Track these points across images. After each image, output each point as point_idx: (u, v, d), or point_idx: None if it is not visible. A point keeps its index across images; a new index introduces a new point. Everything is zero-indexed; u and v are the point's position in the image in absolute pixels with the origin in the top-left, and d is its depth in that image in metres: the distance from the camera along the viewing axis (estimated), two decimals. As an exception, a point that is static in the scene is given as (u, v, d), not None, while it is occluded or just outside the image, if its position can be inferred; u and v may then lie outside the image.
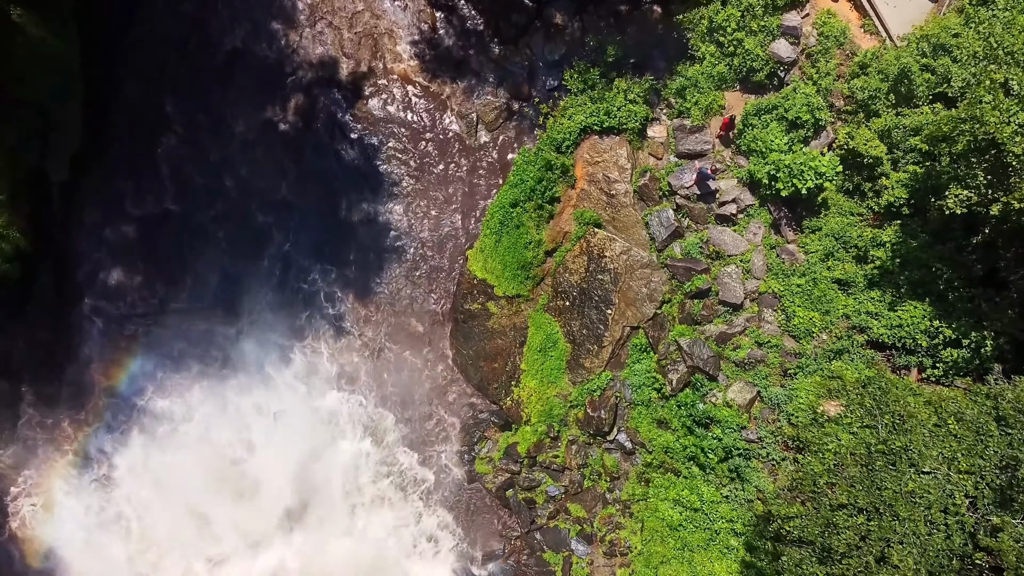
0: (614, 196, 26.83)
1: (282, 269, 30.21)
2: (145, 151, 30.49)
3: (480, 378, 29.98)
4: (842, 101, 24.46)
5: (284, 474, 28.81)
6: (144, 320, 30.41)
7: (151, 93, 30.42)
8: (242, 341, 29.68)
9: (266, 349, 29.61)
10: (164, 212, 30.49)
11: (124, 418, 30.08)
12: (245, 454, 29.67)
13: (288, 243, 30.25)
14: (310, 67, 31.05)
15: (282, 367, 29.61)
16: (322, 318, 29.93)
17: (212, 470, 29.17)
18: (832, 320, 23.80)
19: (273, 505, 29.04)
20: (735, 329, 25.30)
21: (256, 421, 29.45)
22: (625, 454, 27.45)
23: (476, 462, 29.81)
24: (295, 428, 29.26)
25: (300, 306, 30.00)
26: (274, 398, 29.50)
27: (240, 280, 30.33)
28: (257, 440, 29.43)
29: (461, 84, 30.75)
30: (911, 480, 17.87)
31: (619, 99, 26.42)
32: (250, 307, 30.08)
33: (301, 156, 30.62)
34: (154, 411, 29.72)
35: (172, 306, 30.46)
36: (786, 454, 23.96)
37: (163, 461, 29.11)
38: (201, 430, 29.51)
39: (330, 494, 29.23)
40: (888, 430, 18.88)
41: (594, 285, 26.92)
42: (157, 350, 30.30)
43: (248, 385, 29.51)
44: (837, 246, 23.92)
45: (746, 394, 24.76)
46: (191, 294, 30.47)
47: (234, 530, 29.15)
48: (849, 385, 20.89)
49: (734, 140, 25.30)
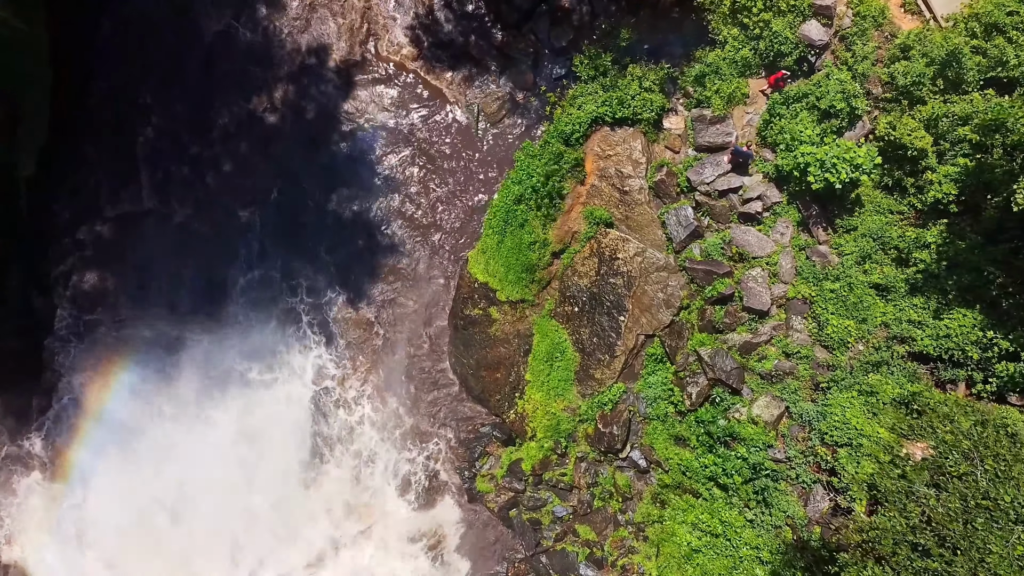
0: (627, 193, 24.64)
1: (268, 272, 28.01)
2: (121, 144, 28.39)
3: (481, 389, 27.84)
4: (880, 88, 22.26)
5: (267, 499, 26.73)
6: (122, 327, 28.27)
7: (127, 82, 28.28)
8: (223, 352, 27.49)
9: (246, 362, 27.44)
10: (141, 211, 28.35)
11: (102, 434, 27.98)
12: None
13: (275, 244, 28.05)
14: (298, 55, 28.88)
15: (260, 388, 27.46)
16: (309, 325, 27.75)
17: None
18: (869, 329, 21.63)
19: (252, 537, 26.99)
20: (760, 338, 23.14)
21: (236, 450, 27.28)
22: (639, 473, 25.31)
23: (477, 480, 27.68)
24: (275, 448, 27.11)
25: (286, 314, 27.80)
26: (254, 420, 27.37)
27: (223, 284, 28.17)
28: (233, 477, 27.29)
29: (460, 73, 28.60)
30: (1021, 543, 15.21)
31: (633, 87, 24.23)
32: (233, 313, 27.89)
33: (288, 150, 28.44)
34: (131, 428, 27.57)
35: (151, 311, 28.32)
36: (818, 476, 21.79)
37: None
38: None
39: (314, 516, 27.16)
40: (990, 479, 16.36)
41: (605, 289, 24.74)
42: (135, 359, 28.17)
43: (225, 404, 27.34)
44: (875, 247, 21.73)
45: (773, 410, 22.59)
46: (171, 298, 28.32)
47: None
48: (937, 422, 18.33)
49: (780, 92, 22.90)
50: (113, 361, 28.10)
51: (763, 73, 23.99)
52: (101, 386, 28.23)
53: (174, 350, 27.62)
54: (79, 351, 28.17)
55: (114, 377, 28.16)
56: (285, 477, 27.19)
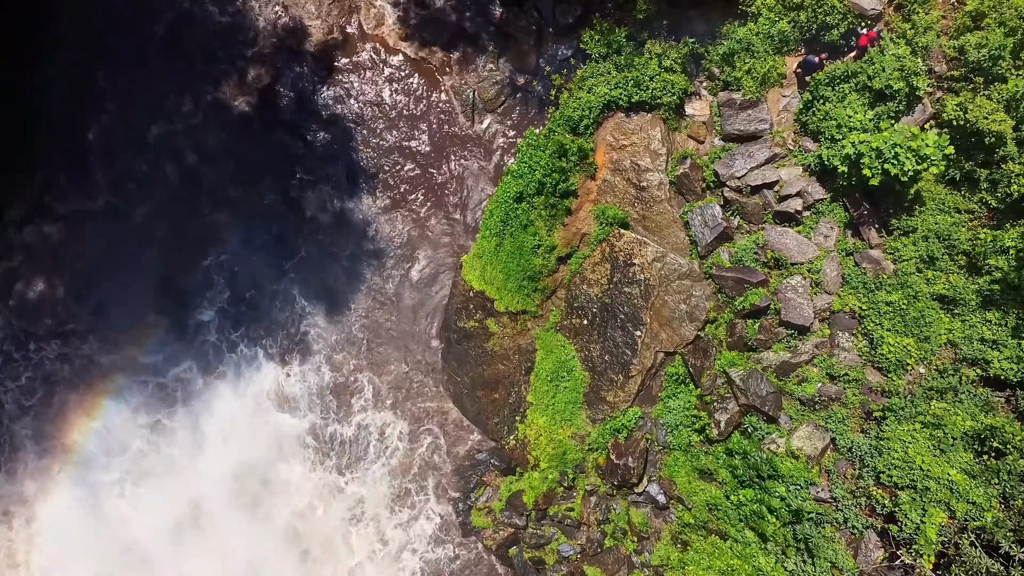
0: (645, 188, 21.39)
1: (236, 279, 24.85)
2: (73, 135, 25.24)
3: (477, 410, 24.65)
4: (944, 65, 18.96)
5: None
6: (73, 342, 25.13)
7: (78, 63, 25.10)
8: (182, 372, 24.34)
9: (214, 385, 24.29)
10: (96, 208, 25.19)
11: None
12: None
13: (245, 247, 24.88)
14: (272, 34, 25.70)
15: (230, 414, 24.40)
16: (286, 339, 24.57)
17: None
18: (932, 348, 18.34)
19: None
20: (801, 357, 19.87)
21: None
22: (657, 509, 22.08)
23: (473, 513, 24.54)
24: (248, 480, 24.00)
25: (258, 326, 24.62)
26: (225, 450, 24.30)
27: (186, 291, 25.02)
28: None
29: (454, 54, 25.40)
30: None
31: (652, 66, 20.96)
32: (199, 326, 24.73)
33: (261, 142, 25.24)
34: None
35: (106, 322, 25.18)
36: (871, 521, 18.50)
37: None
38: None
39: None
40: None
41: (619, 300, 21.50)
42: (88, 379, 25.04)
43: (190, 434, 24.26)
44: (939, 252, 18.43)
45: (816, 441, 19.32)
46: (130, 309, 25.16)
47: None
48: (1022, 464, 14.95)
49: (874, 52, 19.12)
50: (62, 380, 24.92)
51: (802, 49, 20.70)
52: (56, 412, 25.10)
53: (128, 370, 24.44)
54: (23, 367, 25.02)
55: (65, 397, 25.03)
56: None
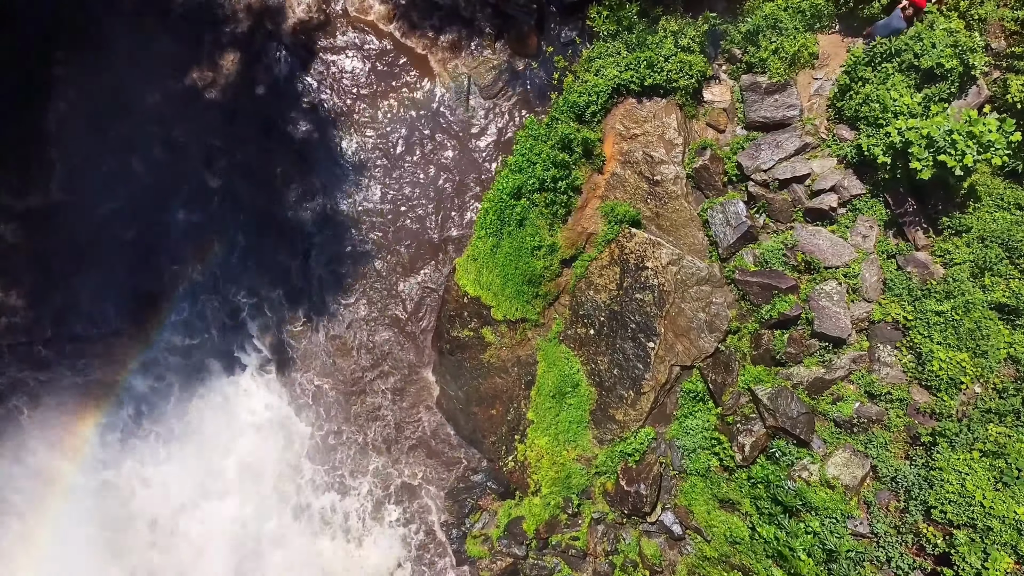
0: (659, 183, 19.07)
1: (206, 284, 22.59)
2: (28, 125, 22.97)
3: (472, 428, 22.40)
4: (1004, 40, 16.63)
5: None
6: (28, 352, 22.91)
7: (35, 48, 22.85)
8: (144, 388, 22.11)
9: (181, 398, 22.06)
10: (52, 205, 22.96)
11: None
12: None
13: (214, 249, 22.62)
14: (247, 14, 23.41)
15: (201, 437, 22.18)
16: (256, 351, 22.31)
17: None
18: (990, 365, 16.01)
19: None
20: (836, 373, 17.54)
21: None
22: (672, 540, 19.78)
23: (467, 541, 22.31)
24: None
25: (226, 335, 22.36)
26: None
27: (152, 297, 22.77)
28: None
29: (447, 36, 23.12)
30: None
31: (667, 45, 18.63)
32: (163, 335, 22.48)
33: (233, 133, 22.98)
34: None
35: (66, 331, 22.96)
36: (920, 561, 16.20)
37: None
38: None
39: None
40: None
41: (630, 307, 19.21)
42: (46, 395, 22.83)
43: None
44: (999, 255, 16.12)
45: (855, 469, 17.02)
46: (90, 315, 22.96)
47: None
48: None
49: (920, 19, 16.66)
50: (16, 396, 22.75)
51: (836, 26, 18.39)
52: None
53: (81, 388, 22.19)
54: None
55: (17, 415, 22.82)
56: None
